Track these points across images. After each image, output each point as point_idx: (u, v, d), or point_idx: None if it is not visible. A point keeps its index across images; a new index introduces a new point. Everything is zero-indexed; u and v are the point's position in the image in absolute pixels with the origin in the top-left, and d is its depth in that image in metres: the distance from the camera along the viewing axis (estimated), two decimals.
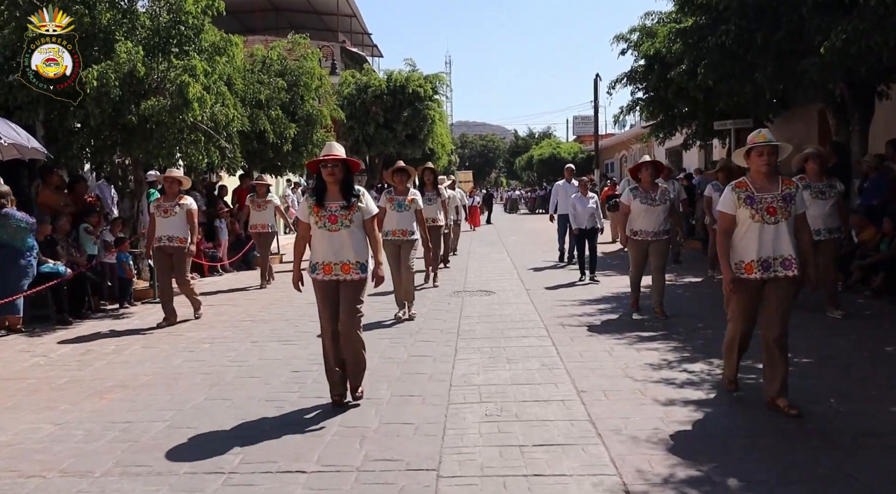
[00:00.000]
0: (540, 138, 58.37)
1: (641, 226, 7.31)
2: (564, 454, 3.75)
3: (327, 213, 4.57)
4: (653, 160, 7.55)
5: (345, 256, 4.58)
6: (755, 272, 4.37)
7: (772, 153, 4.42)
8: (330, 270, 4.60)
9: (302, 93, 14.58)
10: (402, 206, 7.72)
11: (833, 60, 7.46)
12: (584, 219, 10.20)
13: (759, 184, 4.42)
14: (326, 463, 3.67)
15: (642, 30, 13.95)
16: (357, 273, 4.62)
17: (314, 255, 4.67)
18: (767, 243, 4.33)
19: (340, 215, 4.57)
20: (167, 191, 8.02)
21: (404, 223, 7.71)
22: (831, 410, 4.36)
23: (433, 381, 5.21)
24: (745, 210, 4.37)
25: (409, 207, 7.74)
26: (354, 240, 4.61)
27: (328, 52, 26.46)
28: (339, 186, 4.63)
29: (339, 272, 4.59)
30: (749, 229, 4.37)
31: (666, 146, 19.51)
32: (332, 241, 4.57)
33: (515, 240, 19.65)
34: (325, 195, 4.63)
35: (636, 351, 6.01)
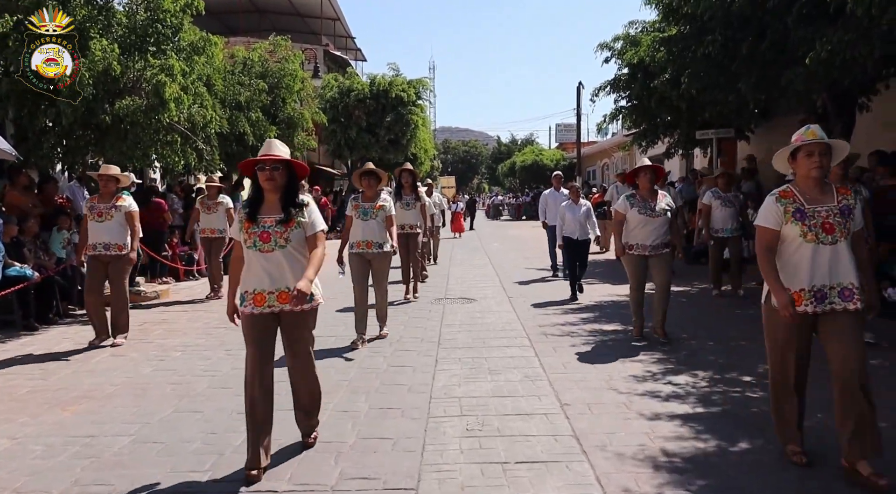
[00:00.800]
0: (522, 145, 58.54)
1: (639, 238, 6.53)
2: (548, 472, 3.61)
3: (259, 230, 3.72)
4: (652, 164, 6.71)
5: (281, 283, 3.72)
6: (805, 304, 3.51)
7: (824, 153, 3.55)
8: (262, 301, 3.70)
9: (283, 96, 14.43)
10: (367, 214, 6.67)
11: (817, 71, 7.42)
12: (575, 228, 9.34)
13: (809, 194, 3.58)
14: (299, 482, 3.50)
15: (626, 38, 13.91)
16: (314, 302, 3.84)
17: (242, 282, 3.79)
18: (823, 268, 3.48)
19: (275, 232, 3.71)
20: (102, 191, 6.88)
21: (371, 233, 6.66)
22: (820, 425, 4.26)
23: (413, 393, 5.05)
24: (795, 226, 3.51)
25: (378, 215, 6.70)
26: (292, 263, 3.73)
27: (311, 54, 26.24)
28: (280, 195, 3.78)
29: (276, 303, 3.71)
30: (799, 250, 3.53)
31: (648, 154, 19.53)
32: (266, 264, 3.71)
33: (498, 246, 19.53)
34: (260, 206, 3.80)
35: (620, 362, 5.89)
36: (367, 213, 6.68)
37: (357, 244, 6.70)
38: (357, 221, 6.72)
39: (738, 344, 6.49)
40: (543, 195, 12.07)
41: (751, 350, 6.22)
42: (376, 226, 6.68)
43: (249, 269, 3.76)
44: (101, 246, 6.78)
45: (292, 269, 3.73)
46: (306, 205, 3.84)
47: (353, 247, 6.73)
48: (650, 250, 6.54)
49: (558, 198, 11.16)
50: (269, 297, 3.73)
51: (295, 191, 3.84)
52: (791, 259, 3.58)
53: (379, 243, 6.67)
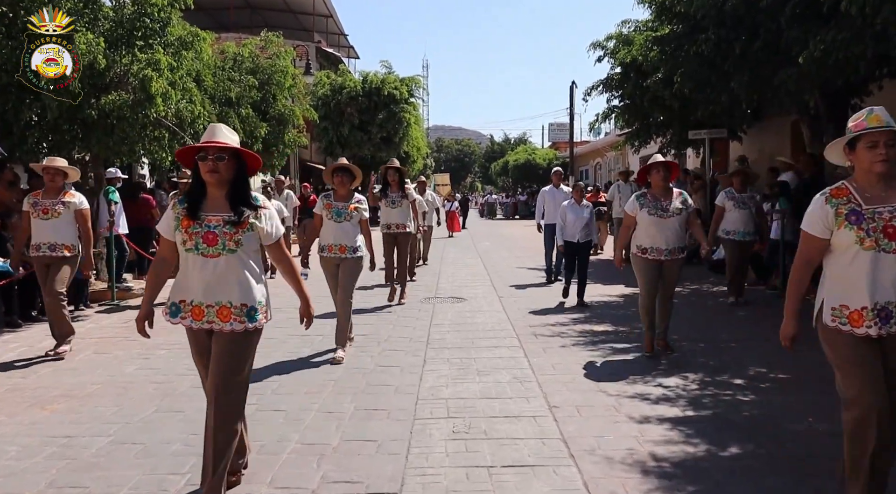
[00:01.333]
0: (515, 144, 58.58)
1: (652, 242, 5.92)
2: (535, 476, 3.54)
3: (202, 230, 3.12)
4: (665, 160, 6.09)
5: (223, 295, 3.14)
6: (867, 324, 2.87)
7: (892, 144, 2.91)
8: (201, 315, 3.15)
9: (274, 92, 14.29)
10: (340, 215, 6.08)
11: (810, 71, 7.38)
12: (576, 230, 8.57)
13: (869, 192, 2.96)
14: (279, 485, 3.42)
15: (619, 37, 13.86)
16: (241, 321, 3.15)
17: (174, 291, 3.24)
18: (886, 281, 2.86)
19: (223, 234, 3.11)
20: (48, 186, 6.27)
21: (344, 237, 6.05)
22: (811, 429, 4.21)
23: (399, 394, 4.97)
24: (849, 231, 2.90)
25: (352, 217, 6.10)
26: (240, 272, 3.16)
27: (303, 51, 26.11)
28: (226, 191, 3.19)
29: (215, 318, 3.14)
30: (857, 260, 2.90)
31: (640, 154, 19.52)
32: (207, 272, 3.12)
33: (490, 245, 19.46)
34: (202, 202, 3.18)
35: (610, 364, 5.83)
36: (340, 214, 6.09)
37: (329, 248, 6.10)
38: (329, 223, 6.12)
39: (730, 346, 6.45)
40: (542, 192, 11.18)
41: (742, 352, 6.19)
42: (350, 229, 6.08)
43: (186, 275, 3.18)
44: (46, 246, 6.17)
45: (239, 280, 3.16)
46: (262, 207, 3.26)
47: (323, 250, 6.15)
48: (666, 254, 5.92)
49: (558, 196, 10.49)
50: (208, 311, 3.15)
51: (245, 187, 3.23)
52: (846, 271, 2.95)
53: (353, 247, 6.07)
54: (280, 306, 5.37)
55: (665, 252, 5.93)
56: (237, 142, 3.23)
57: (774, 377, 5.42)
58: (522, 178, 45.40)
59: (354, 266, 6.13)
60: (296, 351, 6.25)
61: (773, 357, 5.92)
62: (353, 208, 6.12)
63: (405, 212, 8.94)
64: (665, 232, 5.90)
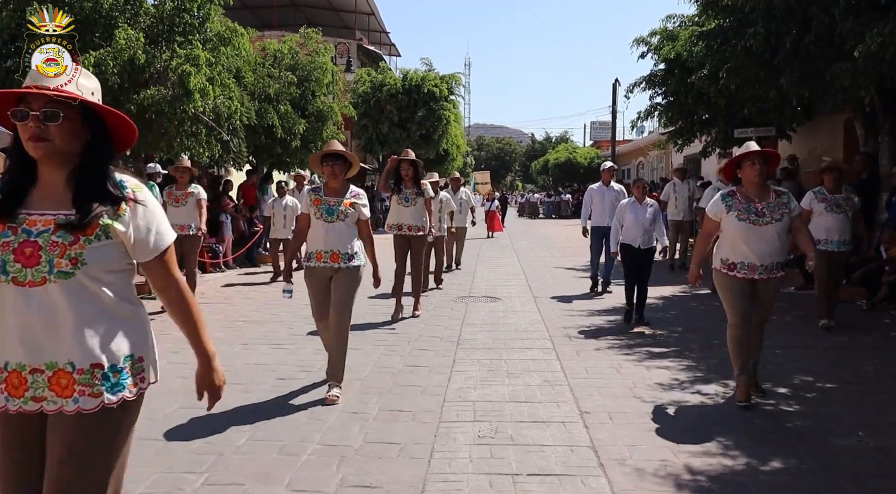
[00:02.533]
0: (557, 142, 58.04)
1: (743, 255, 4.60)
2: (561, 486, 3.38)
3: (15, 239, 1.87)
4: (761, 149, 4.75)
5: (59, 354, 1.87)
6: None
7: None
8: (21, 387, 1.86)
9: (313, 89, 14.33)
10: (332, 213, 4.84)
11: (866, 65, 7.02)
12: (637, 234, 7.35)
13: None
14: (297, 488, 3.33)
15: (663, 33, 13.55)
16: (93, 393, 1.88)
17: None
18: None
19: (51, 246, 1.86)
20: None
21: (337, 241, 4.83)
22: (859, 444, 3.94)
23: (426, 395, 4.85)
24: None
25: (347, 216, 4.86)
26: (90, 314, 1.89)
27: (343, 49, 26.24)
28: (67, 173, 1.97)
29: (45, 393, 1.86)
30: None
31: (684, 153, 19.06)
32: (28, 312, 1.84)
33: (527, 244, 19.24)
34: (28, 190, 1.97)
35: (646, 368, 5.61)
36: (332, 212, 4.85)
37: (317, 255, 4.86)
38: (318, 223, 4.89)
39: (774, 353, 6.14)
40: (589, 190, 9.82)
41: (786, 360, 5.90)
42: (345, 231, 4.85)
43: None
44: None
45: (83, 326, 1.88)
46: (132, 199, 1.98)
47: (310, 258, 4.92)
48: (761, 271, 4.61)
49: (608, 196, 9.39)
50: (33, 382, 1.86)
51: (102, 166, 1.99)
52: None
53: (348, 254, 4.84)
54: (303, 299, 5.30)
55: (759, 268, 4.60)
56: (91, 94, 2.03)
57: (821, 387, 5.14)
58: (563, 177, 44.92)
59: (350, 278, 4.83)
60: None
61: (820, 365, 5.63)
62: (348, 204, 4.87)
63: (419, 212, 7.79)
64: (760, 242, 4.57)
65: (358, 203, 4.94)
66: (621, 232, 7.50)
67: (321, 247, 4.86)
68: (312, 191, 5.01)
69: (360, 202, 4.95)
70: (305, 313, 7.74)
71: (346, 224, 4.87)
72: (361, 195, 5.01)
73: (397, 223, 7.82)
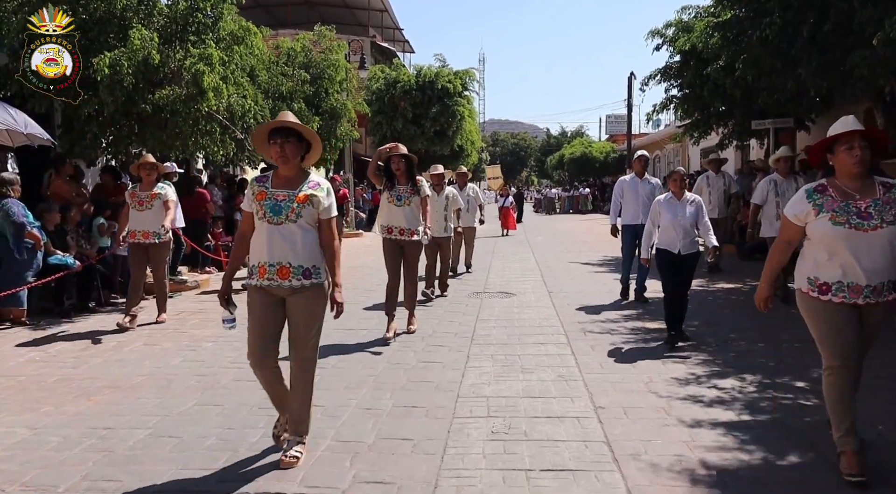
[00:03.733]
0: (572, 137, 57.73)
1: (841, 272, 3.45)
2: (575, 482, 3.36)
3: None
4: (865, 127, 3.51)
5: None
6: None
7: None
8: None
9: (326, 87, 14.33)
10: (280, 212, 3.59)
11: (885, 53, 6.91)
12: (676, 236, 6.14)
13: None
14: (310, 485, 3.33)
15: (678, 24, 13.42)
16: None
17: None
18: None
19: None
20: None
21: (286, 251, 3.59)
22: (881, 439, 3.88)
23: (440, 391, 4.85)
24: None
25: (302, 213, 3.61)
26: None
27: (357, 46, 26.26)
28: None
29: None
30: None
31: (701, 146, 18.88)
32: None
33: (543, 239, 19.16)
34: None
35: (661, 363, 5.57)
36: (279, 210, 3.59)
37: (260, 270, 3.61)
38: (261, 225, 3.64)
39: (792, 346, 6.07)
40: (619, 183, 8.57)
41: (805, 353, 5.81)
42: (298, 236, 3.60)
43: None
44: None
45: None
46: None
47: (254, 271, 3.66)
48: (867, 294, 3.42)
49: (641, 190, 8.20)
50: None
51: None
52: None
53: (303, 268, 3.61)
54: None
55: (865, 290, 3.41)
56: None
57: None
58: (578, 172, 44.68)
59: (310, 302, 3.66)
60: (339, 345, 6.20)
61: None
62: (303, 199, 3.61)
63: (414, 213, 6.66)
64: (866, 254, 3.39)
65: (317, 196, 3.64)
66: (656, 234, 6.36)
67: (264, 258, 3.60)
68: (256, 182, 3.75)
69: (319, 195, 3.65)
70: None
71: (299, 226, 3.61)
72: (323, 186, 3.71)
73: (388, 225, 6.66)
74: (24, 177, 8.33)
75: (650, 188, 8.16)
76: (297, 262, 3.61)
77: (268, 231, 3.62)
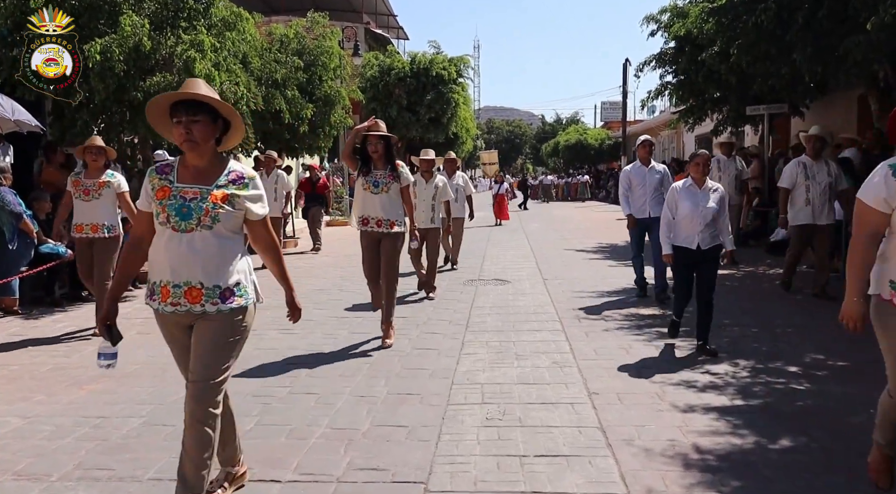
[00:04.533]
0: (567, 124, 57.67)
1: None
2: (569, 467, 3.37)
3: None
4: None
5: None
6: None
7: None
8: None
9: (320, 74, 14.24)
10: (189, 216, 2.77)
11: (880, 38, 6.88)
12: (695, 230, 5.35)
13: None
14: (305, 472, 3.34)
15: (673, 10, 13.33)
16: None
17: None
18: None
19: None
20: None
21: (201, 267, 2.77)
22: (872, 423, 3.89)
23: (434, 378, 4.85)
24: None
25: (217, 218, 2.79)
26: None
27: (351, 33, 26.09)
28: None
29: None
30: None
31: (695, 132, 18.85)
32: None
33: (537, 226, 19.16)
34: None
35: (655, 348, 5.58)
36: (188, 215, 2.76)
37: (163, 290, 2.81)
38: (166, 233, 2.79)
39: (785, 331, 6.10)
40: (625, 172, 7.90)
41: (798, 338, 5.85)
42: (216, 247, 2.79)
43: None
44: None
45: None
46: None
47: (155, 291, 2.84)
48: None
49: (649, 179, 7.50)
50: None
51: None
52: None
53: (223, 288, 2.80)
54: (324, 287, 5.30)
55: None
56: None
57: (833, 365, 5.09)
58: (574, 159, 44.63)
59: (224, 327, 2.83)
60: (333, 332, 6.20)
61: (832, 343, 5.58)
62: (219, 198, 2.78)
63: (393, 202, 5.84)
64: None
65: (240, 196, 2.80)
66: (673, 228, 5.51)
67: (167, 276, 2.76)
68: (156, 173, 2.85)
69: (243, 193, 2.82)
70: (317, 298, 7.78)
71: (216, 234, 2.76)
72: (248, 180, 2.86)
73: (363, 215, 5.87)
74: (13, 164, 8.27)
75: (658, 177, 7.49)
76: (212, 281, 2.75)
77: (173, 240, 2.74)
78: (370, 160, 5.88)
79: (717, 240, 5.42)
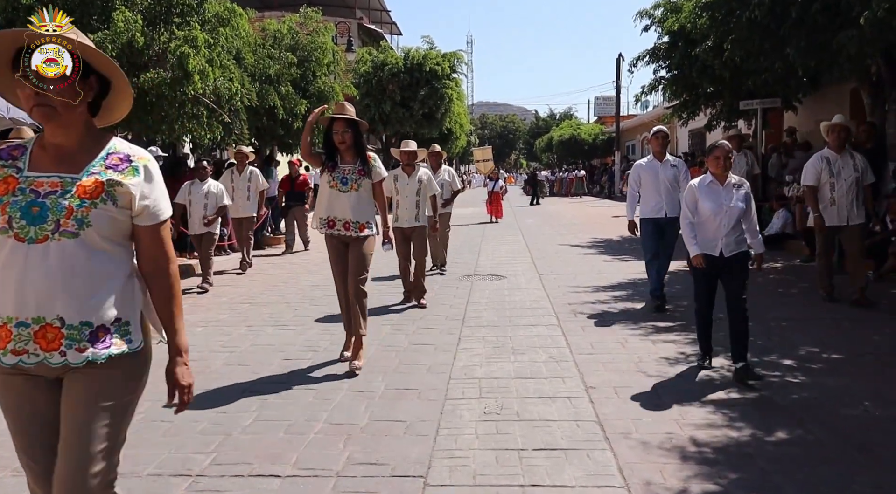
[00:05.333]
0: (560, 119, 57.71)
1: None
2: (567, 460, 3.39)
3: None
4: None
5: None
6: None
7: None
8: None
9: (314, 69, 14.21)
10: (44, 218, 1.88)
11: (872, 33, 6.92)
12: (718, 234, 4.70)
13: None
14: (304, 466, 3.35)
15: (667, 5, 13.36)
16: None
17: None
18: None
19: None
20: None
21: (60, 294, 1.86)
22: (867, 415, 3.94)
23: (432, 373, 4.86)
24: None
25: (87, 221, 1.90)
26: None
27: (344, 28, 26.02)
28: None
29: None
30: None
31: (689, 127, 18.91)
32: None
33: (532, 222, 19.19)
34: None
35: (651, 342, 5.61)
36: (41, 217, 1.90)
37: (2, 331, 1.89)
38: (8, 244, 1.89)
39: (780, 325, 6.14)
40: (636, 167, 7.11)
41: (792, 331, 5.89)
42: (85, 262, 1.91)
43: None
44: None
45: None
46: None
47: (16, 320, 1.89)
48: None
49: (663, 175, 6.76)
50: None
51: None
52: None
53: (96, 326, 1.93)
54: (319, 283, 5.29)
55: None
56: None
57: (827, 357, 5.13)
58: (567, 154, 44.65)
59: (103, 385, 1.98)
60: (330, 329, 6.21)
61: (826, 336, 5.62)
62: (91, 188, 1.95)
63: (364, 202, 5.10)
64: None
65: (124, 186, 1.99)
66: (694, 230, 4.81)
67: (9, 310, 1.89)
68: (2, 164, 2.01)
69: (128, 181, 2.00)
70: (312, 294, 7.78)
71: (84, 244, 1.92)
72: (138, 163, 2.05)
73: (328, 216, 5.10)
74: None
75: (673, 172, 6.76)
76: (77, 316, 1.90)
77: (16, 254, 1.88)
78: (336, 152, 5.11)
79: (742, 246, 4.73)
